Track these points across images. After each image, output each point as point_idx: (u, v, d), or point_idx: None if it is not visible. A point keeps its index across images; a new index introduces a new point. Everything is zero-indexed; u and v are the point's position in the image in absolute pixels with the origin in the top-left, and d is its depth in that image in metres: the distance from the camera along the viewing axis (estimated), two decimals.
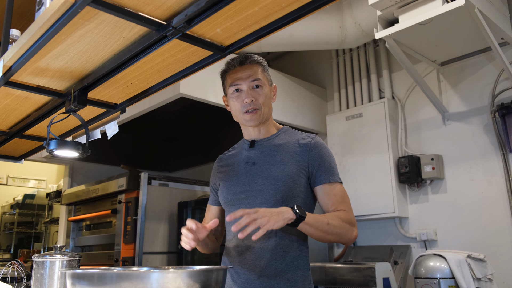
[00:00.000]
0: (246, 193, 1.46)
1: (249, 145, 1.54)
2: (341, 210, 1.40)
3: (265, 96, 1.49)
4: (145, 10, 1.06)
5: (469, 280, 2.28)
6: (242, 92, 1.48)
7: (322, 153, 1.45)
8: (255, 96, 1.47)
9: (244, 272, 1.40)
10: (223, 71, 1.55)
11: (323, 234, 1.31)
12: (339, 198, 1.42)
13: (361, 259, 3.22)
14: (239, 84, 1.48)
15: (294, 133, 1.54)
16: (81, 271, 0.93)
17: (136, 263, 3.36)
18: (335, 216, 1.35)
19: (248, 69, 1.49)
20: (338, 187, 1.44)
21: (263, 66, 1.53)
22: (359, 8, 3.08)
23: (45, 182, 7.12)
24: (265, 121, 1.52)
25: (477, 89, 3.04)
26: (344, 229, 1.35)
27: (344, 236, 1.36)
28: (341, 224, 1.34)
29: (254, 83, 1.48)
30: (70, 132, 1.92)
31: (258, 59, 1.53)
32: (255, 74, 1.49)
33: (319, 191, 1.43)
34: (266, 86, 1.51)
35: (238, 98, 1.49)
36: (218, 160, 1.66)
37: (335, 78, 3.83)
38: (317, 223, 1.29)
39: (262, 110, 1.48)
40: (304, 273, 1.40)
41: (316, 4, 1.07)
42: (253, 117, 1.48)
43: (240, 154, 1.57)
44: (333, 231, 1.32)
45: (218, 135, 4.31)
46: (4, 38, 1.40)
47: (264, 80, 1.50)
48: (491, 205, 2.86)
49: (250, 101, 1.46)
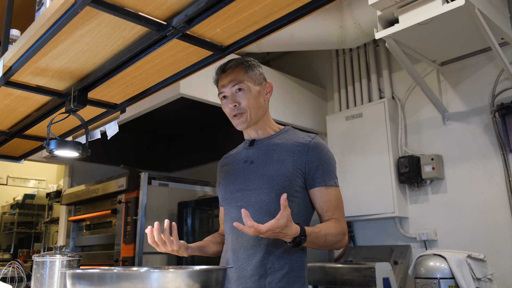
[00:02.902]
0: (242, 191, 1.46)
1: (249, 144, 1.55)
2: (335, 219, 1.40)
3: (248, 98, 1.47)
4: (145, 10, 1.06)
5: (469, 280, 2.28)
6: (227, 99, 1.49)
7: (321, 155, 1.43)
8: (238, 100, 1.47)
9: (237, 270, 1.40)
10: (215, 81, 1.57)
11: (317, 247, 1.35)
12: (334, 204, 1.41)
13: (361, 259, 3.22)
14: (224, 91, 1.50)
15: (294, 133, 1.53)
16: (81, 271, 0.93)
17: (136, 263, 3.36)
18: (332, 228, 1.36)
19: (230, 75, 1.49)
20: (334, 192, 1.43)
21: (246, 66, 1.50)
22: (359, 8, 3.08)
23: (45, 182, 7.12)
24: (257, 121, 1.51)
25: (477, 89, 3.04)
26: (338, 240, 1.37)
27: (335, 245, 1.39)
28: (337, 237, 1.37)
29: (235, 87, 1.47)
30: (70, 132, 1.92)
31: (239, 60, 1.51)
32: (236, 78, 1.48)
33: (315, 194, 1.42)
34: (251, 87, 1.48)
35: (225, 105, 1.51)
36: (221, 159, 1.68)
37: (335, 78, 3.83)
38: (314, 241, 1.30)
39: (248, 112, 1.47)
40: (298, 273, 1.39)
41: (316, 4, 1.07)
42: (239, 121, 1.48)
43: (240, 153, 1.58)
44: (327, 244, 1.35)
45: (218, 135, 4.32)
46: (4, 38, 1.40)
47: (248, 81, 1.48)
48: (491, 205, 2.86)
49: (233, 106, 1.47)
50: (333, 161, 1.47)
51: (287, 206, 1.18)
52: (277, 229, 1.18)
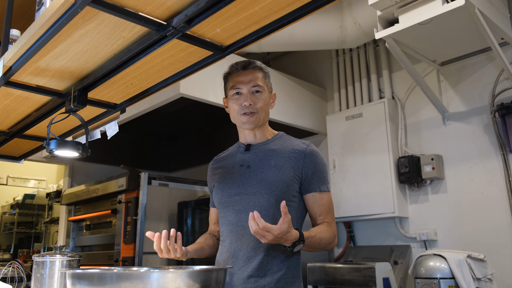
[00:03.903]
0: (240, 196, 1.49)
1: (245, 148, 1.58)
2: (327, 222, 1.48)
3: (263, 102, 1.54)
4: (145, 10, 1.06)
5: (469, 280, 2.28)
6: (242, 96, 1.53)
7: (316, 162, 1.50)
8: (254, 100, 1.52)
9: (235, 272, 1.43)
10: (226, 74, 1.60)
11: (312, 250, 1.43)
12: (326, 209, 1.50)
13: (361, 259, 3.22)
14: (240, 87, 1.53)
15: (289, 139, 1.58)
16: (81, 271, 0.93)
17: (136, 263, 3.36)
18: (325, 232, 1.44)
19: (250, 74, 1.54)
20: (326, 197, 1.51)
21: (265, 73, 1.59)
22: (359, 8, 3.08)
23: (45, 182, 7.12)
24: (261, 125, 1.56)
25: (477, 89, 3.04)
26: (330, 241, 1.46)
27: (327, 247, 1.47)
28: (329, 239, 1.45)
29: (255, 88, 1.53)
30: (70, 132, 1.92)
31: (261, 65, 1.58)
32: (256, 79, 1.54)
33: (309, 199, 1.49)
34: (266, 92, 1.56)
35: (237, 101, 1.53)
36: (212, 162, 1.71)
37: (335, 78, 3.83)
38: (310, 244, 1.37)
39: (259, 114, 1.53)
40: (294, 273, 1.44)
41: (316, 4, 1.07)
42: (250, 120, 1.52)
43: (234, 156, 1.60)
44: (321, 247, 1.44)
45: (218, 135, 4.31)
46: (4, 38, 1.40)
47: (265, 86, 1.56)
48: (491, 205, 2.86)
49: (248, 105, 1.51)
50: (326, 167, 1.55)
51: (287, 213, 1.25)
52: (280, 234, 1.24)
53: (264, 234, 1.23)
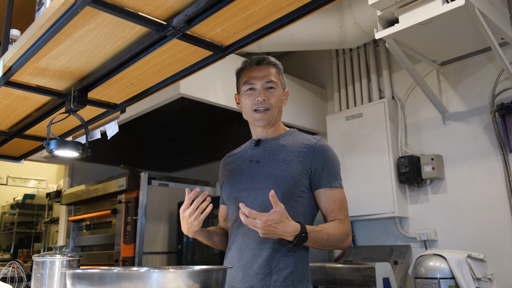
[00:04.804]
0: (248, 191, 1.46)
1: (255, 143, 1.56)
2: (339, 219, 1.42)
3: (277, 98, 1.51)
4: (145, 10, 1.06)
5: (469, 280, 2.28)
6: (255, 91, 1.50)
7: (327, 156, 1.46)
8: (268, 96, 1.49)
9: (242, 268, 1.41)
10: (239, 69, 1.58)
11: (320, 247, 1.36)
12: (338, 205, 1.43)
13: (361, 259, 3.22)
14: (254, 83, 1.51)
15: (300, 135, 1.55)
16: (81, 271, 0.93)
17: (136, 263, 3.36)
18: (335, 228, 1.38)
19: (264, 70, 1.52)
20: (339, 193, 1.45)
21: (279, 69, 1.56)
22: (359, 8, 3.08)
23: (45, 182, 7.12)
24: (274, 123, 1.54)
25: (477, 89, 3.04)
26: (341, 240, 1.39)
27: (339, 246, 1.40)
28: (339, 236, 1.38)
29: (268, 84, 1.50)
30: (70, 132, 1.92)
31: (275, 61, 1.57)
32: (270, 75, 1.51)
33: (320, 195, 1.44)
34: (279, 88, 1.53)
35: (250, 96, 1.51)
36: (224, 158, 1.68)
37: (335, 78, 3.83)
38: (316, 239, 1.32)
39: (272, 110, 1.50)
40: (302, 272, 1.41)
41: (316, 4, 1.07)
42: (263, 117, 1.49)
43: (245, 152, 1.58)
44: (330, 244, 1.37)
45: (218, 135, 4.32)
46: (4, 38, 1.40)
47: (278, 82, 1.53)
48: (491, 205, 2.86)
49: (262, 100, 1.48)
50: (338, 163, 1.50)
51: (277, 201, 1.23)
52: (268, 222, 1.21)
53: (252, 222, 1.22)
